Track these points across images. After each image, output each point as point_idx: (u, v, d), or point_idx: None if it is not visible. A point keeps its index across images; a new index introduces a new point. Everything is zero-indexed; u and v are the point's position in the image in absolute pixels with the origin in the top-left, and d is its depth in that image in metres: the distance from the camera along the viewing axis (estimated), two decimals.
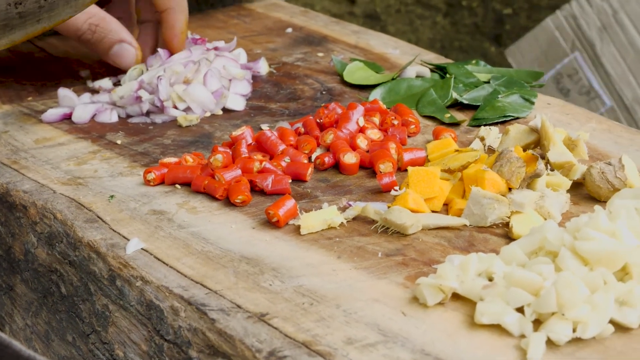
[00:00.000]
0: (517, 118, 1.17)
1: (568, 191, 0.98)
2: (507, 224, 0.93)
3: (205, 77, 1.22)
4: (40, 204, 1.01)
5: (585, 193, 0.99)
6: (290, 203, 0.95)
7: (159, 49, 1.28)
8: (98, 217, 0.97)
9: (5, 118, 1.22)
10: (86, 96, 1.23)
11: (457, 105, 1.21)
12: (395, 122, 1.12)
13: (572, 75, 1.97)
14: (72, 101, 1.23)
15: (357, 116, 1.10)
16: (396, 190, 0.99)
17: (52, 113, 1.21)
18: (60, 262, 0.97)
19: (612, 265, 0.78)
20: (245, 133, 1.08)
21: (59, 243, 0.97)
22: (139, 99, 1.21)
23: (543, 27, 2.08)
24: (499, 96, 1.20)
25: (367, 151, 1.07)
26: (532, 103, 1.19)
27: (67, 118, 1.21)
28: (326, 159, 1.06)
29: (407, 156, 1.04)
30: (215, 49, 1.31)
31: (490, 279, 0.81)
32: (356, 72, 1.30)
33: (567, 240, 0.80)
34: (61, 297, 0.98)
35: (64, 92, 1.23)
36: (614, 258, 0.78)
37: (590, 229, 0.79)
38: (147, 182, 1.04)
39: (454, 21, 2.75)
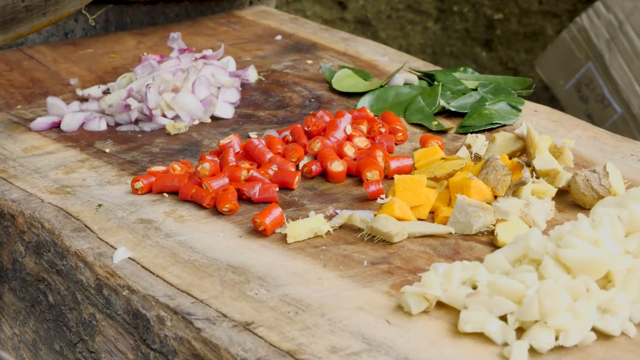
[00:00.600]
0: (504, 125, 1.17)
1: (553, 199, 0.99)
2: (492, 232, 0.93)
3: (194, 85, 1.22)
4: (28, 213, 1.01)
5: (570, 200, 0.99)
6: (276, 212, 0.96)
7: (149, 57, 1.29)
8: (85, 226, 0.97)
9: None
10: (75, 104, 1.24)
11: (445, 113, 1.22)
12: (383, 130, 1.13)
13: (589, 84, 2.01)
14: (61, 110, 1.23)
15: (345, 124, 1.11)
16: (382, 199, 0.99)
17: (41, 121, 1.22)
18: (48, 271, 0.98)
19: (595, 273, 0.79)
20: (233, 141, 1.09)
21: (47, 252, 0.98)
22: (127, 107, 1.21)
23: (561, 40, 2.13)
24: (486, 104, 1.21)
25: (355, 159, 1.08)
26: (519, 110, 1.20)
27: (56, 126, 1.22)
28: (313, 167, 1.06)
29: (393, 164, 1.05)
30: (204, 57, 1.32)
31: (475, 287, 0.81)
32: (344, 80, 1.31)
33: (550, 249, 0.81)
34: (49, 306, 0.98)
35: (53, 101, 1.23)
36: (596, 266, 0.79)
37: (573, 237, 0.80)
38: (134, 191, 1.04)
39: (444, 27, 2.76)
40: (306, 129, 1.11)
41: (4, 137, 1.20)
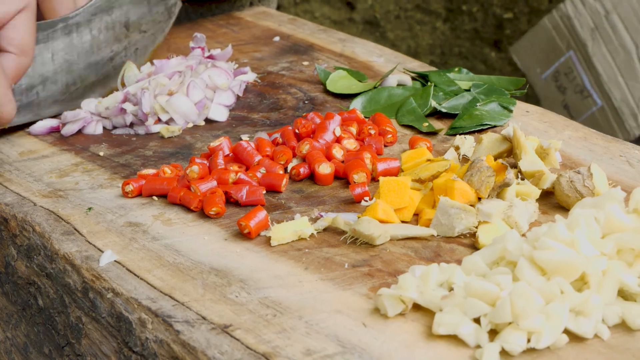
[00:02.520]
0: (495, 126, 1.18)
1: (538, 200, 0.99)
2: (474, 234, 0.94)
3: (188, 88, 1.23)
4: (20, 217, 1.03)
5: (555, 202, 1.00)
6: (261, 214, 0.97)
7: (154, 60, 1.30)
8: (75, 229, 0.99)
9: None
10: (76, 111, 1.24)
11: (437, 114, 1.22)
12: (372, 132, 1.13)
13: (568, 74, 1.98)
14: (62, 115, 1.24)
15: (334, 126, 1.12)
16: (366, 201, 1.00)
17: (40, 126, 1.23)
18: (38, 274, 0.99)
19: (569, 274, 0.79)
20: (223, 144, 1.10)
21: (37, 255, 0.99)
22: (123, 110, 1.23)
23: (541, 26, 2.10)
24: (478, 104, 1.21)
25: (343, 161, 1.09)
26: (510, 111, 1.20)
27: (55, 131, 1.23)
28: (301, 170, 1.07)
29: (380, 166, 1.06)
30: (210, 57, 1.33)
31: (451, 290, 0.82)
32: (339, 81, 1.32)
33: (526, 250, 0.81)
34: (39, 309, 1.00)
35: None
36: (570, 268, 0.79)
37: (549, 238, 0.80)
38: (125, 194, 1.05)
39: (453, 26, 2.76)
40: (296, 131, 1.12)
41: (2, 141, 1.21)
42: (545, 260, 0.79)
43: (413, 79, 1.30)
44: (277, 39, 1.49)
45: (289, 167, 1.08)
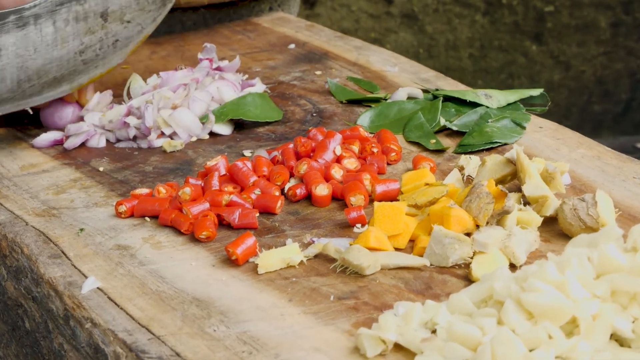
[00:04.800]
0: (505, 144, 1.13)
1: (542, 226, 0.95)
2: (469, 265, 0.90)
3: (192, 102, 1.21)
4: (10, 237, 1.01)
5: (559, 229, 0.95)
6: (250, 241, 0.94)
7: (160, 73, 1.27)
8: (62, 252, 0.97)
9: None
10: (80, 124, 1.22)
11: (448, 129, 1.18)
12: (375, 150, 1.09)
13: None
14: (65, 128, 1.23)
15: (334, 145, 1.08)
16: (358, 228, 0.97)
17: (43, 139, 1.22)
18: (25, 297, 0.98)
19: (558, 319, 0.75)
20: (219, 164, 1.07)
21: (25, 278, 0.98)
22: (126, 124, 1.21)
23: None
24: (489, 120, 1.16)
25: (342, 182, 1.05)
26: (523, 128, 1.15)
27: (59, 144, 1.22)
28: (298, 191, 1.04)
29: (379, 188, 1.02)
30: (218, 69, 1.30)
31: (435, 330, 0.78)
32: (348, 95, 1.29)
33: (513, 291, 0.77)
34: (26, 332, 0.98)
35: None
36: (558, 312, 0.75)
37: (537, 279, 0.76)
38: (118, 215, 1.03)
39: (493, 20, 2.69)
40: (296, 149, 1.09)
41: (5, 153, 1.20)
42: (533, 304, 0.75)
43: (424, 91, 1.25)
44: (292, 46, 1.46)
45: (287, 187, 1.05)
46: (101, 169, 1.15)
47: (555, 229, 0.95)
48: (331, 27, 2.52)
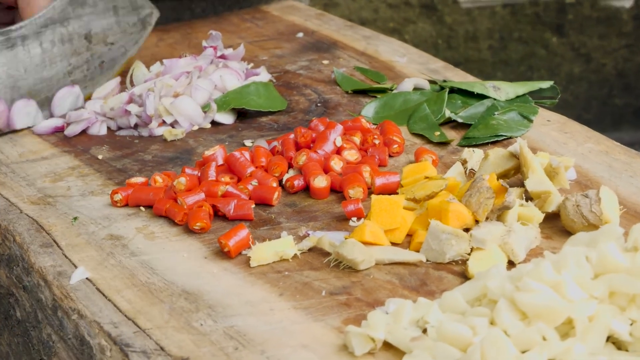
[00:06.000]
0: (511, 137, 1.10)
1: (543, 223, 0.92)
2: (466, 261, 0.87)
3: (193, 90, 1.19)
4: (4, 225, 1.00)
5: (561, 226, 0.92)
6: (242, 233, 0.92)
7: (163, 60, 1.25)
8: (54, 241, 0.96)
9: None
10: (80, 111, 1.21)
11: (453, 121, 1.15)
12: (377, 142, 1.07)
13: None
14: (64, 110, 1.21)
15: (335, 136, 1.06)
16: (354, 221, 0.94)
17: (44, 126, 1.20)
18: (16, 286, 0.97)
19: (552, 320, 0.72)
20: (217, 154, 1.05)
21: (16, 267, 0.96)
22: (127, 112, 1.19)
23: None
24: (496, 113, 1.13)
25: (341, 174, 1.03)
26: (531, 121, 1.12)
27: (59, 130, 1.20)
28: (296, 182, 1.02)
29: (379, 181, 0.99)
30: (222, 57, 1.28)
31: (425, 329, 0.76)
32: (354, 85, 1.26)
33: (507, 290, 0.74)
34: (17, 321, 0.97)
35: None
36: (553, 313, 0.72)
37: (532, 279, 0.73)
38: (114, 203, 1.02)
39: (513, 11, 2.65)
40: (296, 140, 1.07)
41: (5, 140, 1.19)
42: (526, 304, 0.72)
43: (430, 82, 1.22)
44: (300, 35, 1.43)
45: (285, 178, 1.03)
46: (100, 157, 1.13)
47: (557, 225, 0.92)
48: (349, 16, 2.49)
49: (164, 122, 1.18)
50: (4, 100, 1.13)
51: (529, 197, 0.95)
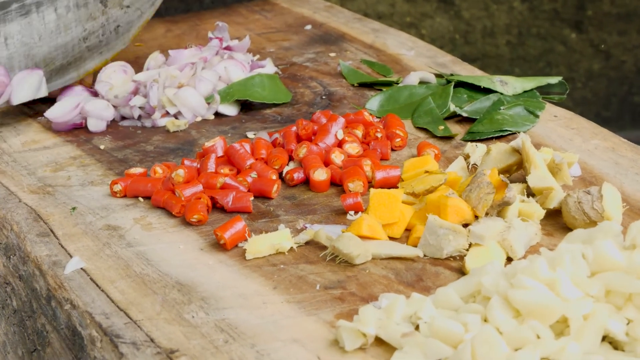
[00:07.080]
0: (516, 133, 1.08)
1: (545, 219, 0.91)
2: (464, 257, 0.86)
3: (198, 81, 1.18)
4: (2, 214, 0.99)
5: (563, 223, 0.91)
6: (239, 225, 0.91)
7: (169, 50, 1.24)
8: (51, 230, 0.95)
9: (3, 117, 1.22)
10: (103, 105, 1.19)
11: (459, 116, 1.14)
12: (379, 135, 1.06)
13: None
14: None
15: (336, 129, 1.05)
16: (352, 215, 0.93)
17: (61, 123, 1.17)
18: (13, 275, 0.96)
19: (546, 318, 0.71)
20: (217, 145, 1.04)
21: (13, 256, 0.96)
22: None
23: None
24: (501, 108, 1.12)
25: (341, 167, 1.02)
26: (537, 116, 1.11)
27: (77, 127, 1.18)
28: (295, 175, 1.00)
29: (379, 175, 0.98)
30: (227, 48, 1.27)
31: (418, 325, 0.75)
32: (360, 78, 1.25)
33: (502, 287, 0.73)
34: (13, 310, 0.97)
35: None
36: (547, 311, 0.70)
37: (527, 276, 0.72)
38: (113, 194, 1.01)
39: (532, 6, 2.63)
40: (297, 132, 1.06)
41: (8, 129, 1.19)
42: (520, 301, 0.71)
43: (436, 75, 1.21)
44: (308, 27, 1.42)
45: (285, 170, 1.02)
46: (102, 147, 1.13)
47: (559, 222, 0.91)
48: (366, 10, 2.48)
49: (167, 113, 1.18)
50: (6, 70, 1.11)
51: (531, 193, 0.94)
